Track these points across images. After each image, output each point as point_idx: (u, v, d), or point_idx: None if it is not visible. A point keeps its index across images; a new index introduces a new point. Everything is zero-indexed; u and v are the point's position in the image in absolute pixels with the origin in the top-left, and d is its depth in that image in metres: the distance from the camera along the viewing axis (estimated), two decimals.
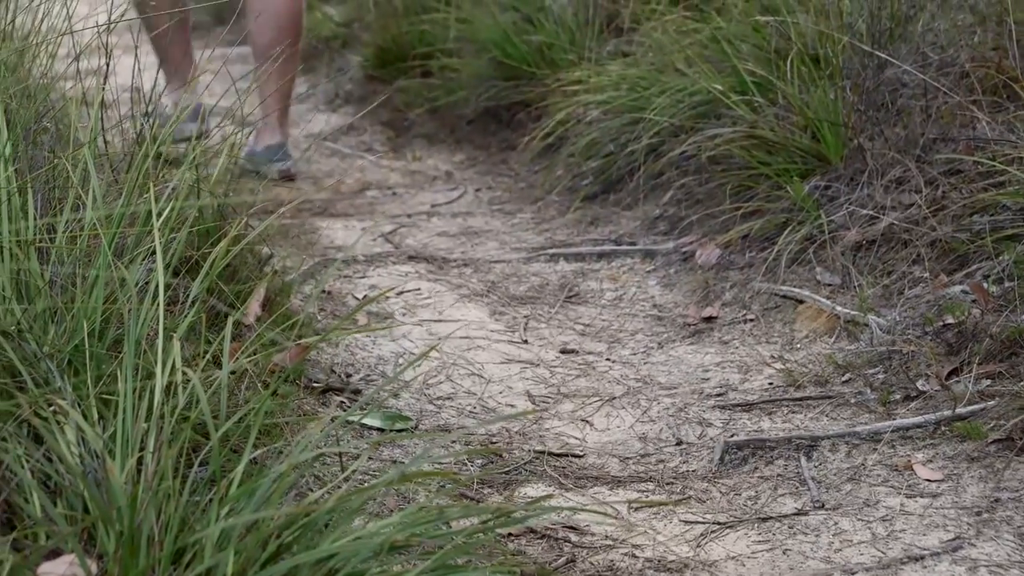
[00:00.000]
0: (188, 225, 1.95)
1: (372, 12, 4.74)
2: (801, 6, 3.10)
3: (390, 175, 3.96)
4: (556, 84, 3.71)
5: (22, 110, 2.02)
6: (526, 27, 4.05)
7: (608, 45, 3.89)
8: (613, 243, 3.15)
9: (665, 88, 3.29)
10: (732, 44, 3.18)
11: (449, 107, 4.24)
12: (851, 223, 2.66)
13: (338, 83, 4.76)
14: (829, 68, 2.88)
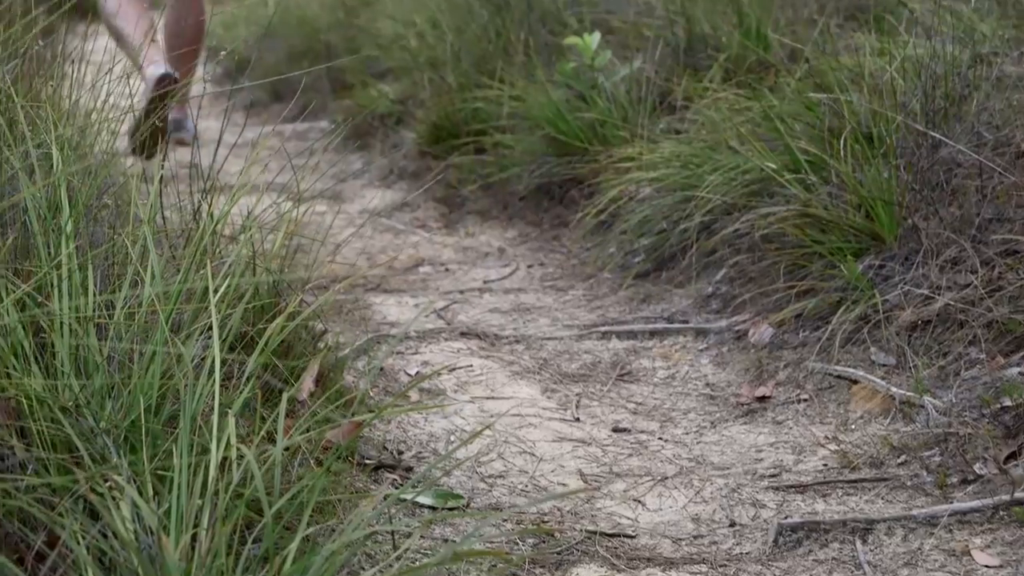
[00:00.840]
0: (244, 301, 1.97)
1: (427, 89, 4.79)
2: (854, 85, 3.10)
3: (443, 251, 3.97)
4: (608, 161, 3.73)
5: (84, 187, 2.06)
6: (579, 104, 4.08)
7: (661, 122, 3.90)
8: (665, 321, 3.14)
9: (718, 166, 3.29)
10: (785, 122, 3.18)
11: (502, 183, 4.27)
12: (906, 303, 2.64)
13: (392, 159, 4.81)
14: (883, 147, 2.87)
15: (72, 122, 2.36)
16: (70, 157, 2.10)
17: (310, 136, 5.16)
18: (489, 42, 4.71)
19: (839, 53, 3.47)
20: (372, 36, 5.58)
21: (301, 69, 5.96)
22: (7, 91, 2.05)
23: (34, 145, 2.00)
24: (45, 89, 2.32)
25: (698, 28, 4.18)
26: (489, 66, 4.57)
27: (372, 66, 5.45)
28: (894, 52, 3.07)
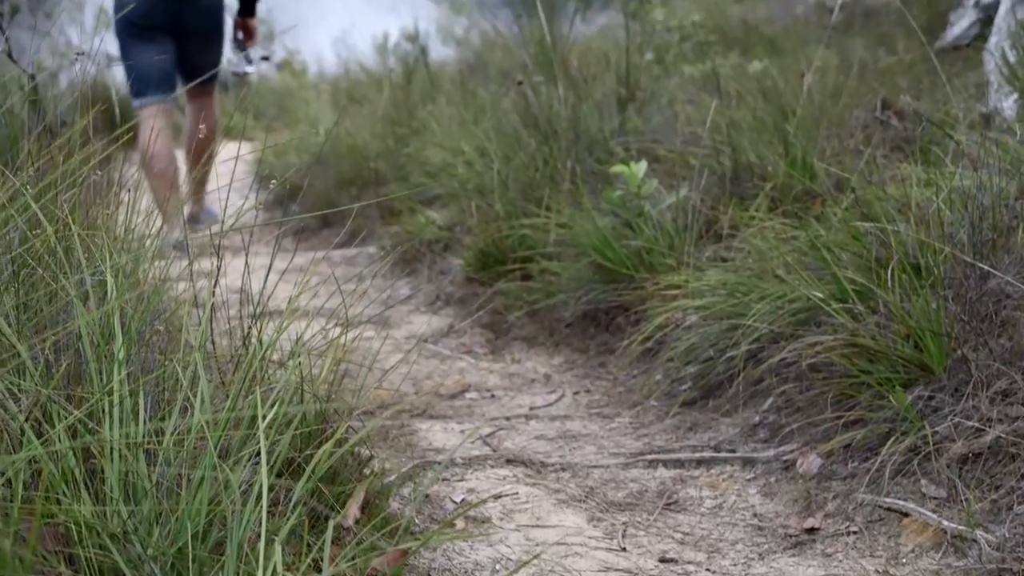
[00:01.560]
0: (292, 428, 1.98)
1: (474, 216, 4.83)
2: (901, 215, 3.11)
3: (489, 377, 3.98)
4: (655, 288, 3.74)
5: (137, 314, 2.09)
6: (625, 232, 4.10)
7: (707, 250, 3.92)
8: (712, 450, 3.12)
9: (764, 294, 3.29)
10: (832, 251, 3.18)
11: (548, 310, 4.28)
12: (956, 435, 2.61)
13: (439, 285, 4.84)
14: (931, 278, 2.86)
15: (126, 248, 2.40)
16: (123, 284, 2.13)
17: (358, 262, 5.21)
18: (536, 170, 4.76)
19: (885, 183, 3.49)
20: (421, 164, 5.66)
21: (350, 195, 6.05)
22: (65, 219, 2.10)
23: (89, 272, 2.03)
24: (101, 216, 2.37)
25: (744, 157, 4.22)
26: (536, 193, 4.61)
27: (420, 193, 5.52)
28: (941, 183, 3.08)
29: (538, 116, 4.94)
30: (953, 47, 6.01)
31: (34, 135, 2.28)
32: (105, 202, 2.42)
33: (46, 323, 1.98)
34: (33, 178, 2.16)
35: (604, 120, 4.95)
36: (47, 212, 2.08)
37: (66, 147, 2.23)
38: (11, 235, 2.05)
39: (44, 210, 2.06)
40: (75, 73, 2.45)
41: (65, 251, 2.06)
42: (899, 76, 5.10)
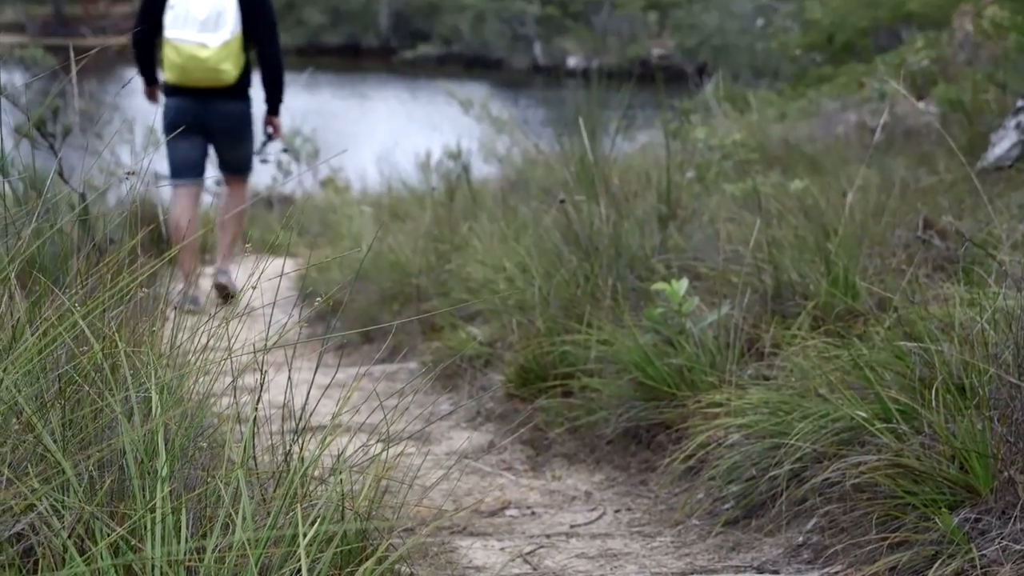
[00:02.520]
0: (333, 546, 1.97)
1: (515, 332, 4.84)
2: (945, 335, 3.10)
3: (529, 494, 3.96)
4: (696, 406, 3.73)
5: (180, 430, 2.10)
6: (666, 349, 4.10)
7: (749, 368, 3.91)
8: (756, 571, 3.08)
9: (807, 413, 3.28)
10: (875, 371, 3.17)
11: (589, 427, 4.27)
12: (1004, 559, 2.57)
13: (480, 401, 4.84)
14: (976, 398, 2.84)
15: (171, 363, 2.42)
16: (168, 401, 2.15)
17: (400, 377, 5.22)
18: (577, 287, 4.78)
19: (929, 303, 3.48)
20: (462, 280, 5.69)
21: (392, 311, 6.08)
22: (111, 337, 2.12)
23: (134, 389, 2.05)
24: (147, 333, 2.39)
25: (786, 275, 4.22)
26: (577, 310, 4.62)
27: (462, 309, 5.54)
28: (984, 303, 3.07)
29: (579, 233, 4.97)
30: (995, 168, 6.02)
31: (83, 254, 2.32)
32: (151, 319, 2.45)
33: (91, 440, 2.00)
34: (81, 296, 2.19)
35: (645, 237, 4.97)
36: (94, 329, 2.11)
37: (114, 265, 2.26)
38: (58, 352, 2.08)
39: (91, 327, 2.09)
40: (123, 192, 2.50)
41: (111, 368, 2.08)
42: (941, 196, 5.12)
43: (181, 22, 6.83)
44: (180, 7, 6.83)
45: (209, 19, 6.84)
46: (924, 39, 11.72)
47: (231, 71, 6.94)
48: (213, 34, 6.85)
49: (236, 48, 6.96)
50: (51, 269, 2.39)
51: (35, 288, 2.23)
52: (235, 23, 6.90)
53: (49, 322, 2.06)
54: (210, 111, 7.12)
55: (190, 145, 7.17)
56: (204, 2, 6.84)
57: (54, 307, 2.11)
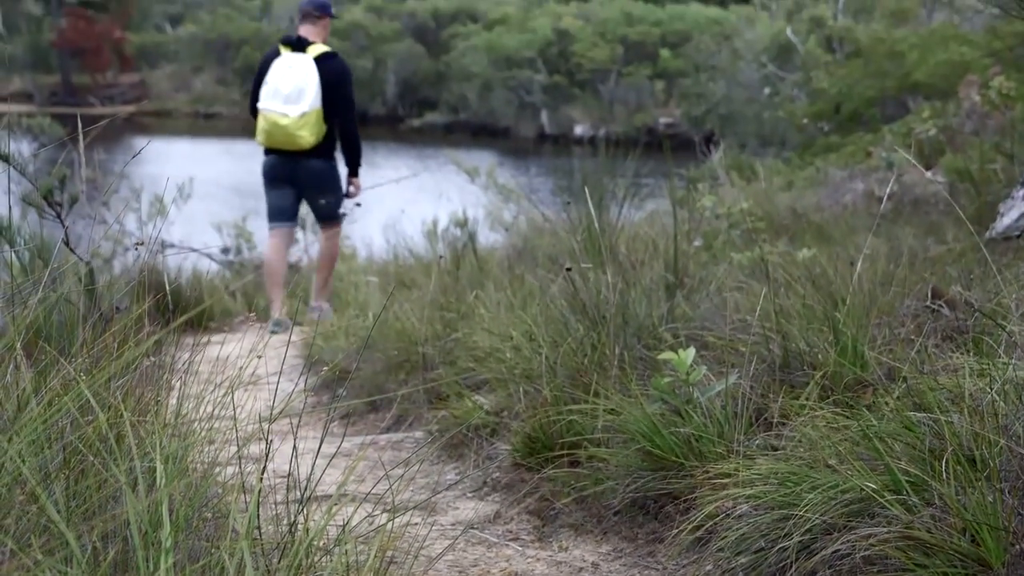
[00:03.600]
0: None
1: (522, 401, 4.82)
2: (954, 406, 3.08)
3: (536, 565, 3.92)
4: (704, 477, 3.70)
5: (185, 501, 2.08)
6: (674, 419, 4.08)
7: (757, 438, 3.88)
8: None
9: (816, 484, 3.25)
10: (884, 442, 3.15)
11: (596, 497, 4.24)
12: None
13: (486, 471, 4.81)
14: (986, 470, 2.82)
15: (176, 432, 2.41)
16: (173, 471, 2.14)
17: (405, 446, 5.19)
18: (584, 356, 4.77)
19: (938, 373, 3.46)
20: (468, 348, 5.68)
21: (398, 380, 6.06)
22: (116, 406, 2.11)
23: (139, 459, 2.04)
24: (153, 403, 2.38)
25: (794, 345, 4.21)
26: (584, 379, 4.61)
27: (468, 378, 5.53)
28: (994, 374, 3.06)
29: (586, 302, 4.97)
30: (1003, 238, 6.02)
31: (89, 323, 2.32)
32: (157, 388, 2.44)
33: (95, 510, 1.98)
34: (87, 365, 2.19)
35: (652, 306, 4.97)
36: (100, 399, 2.10)
37: (120, 334, 2.26)
38: (63, 422, 2.06)
39: (97, 397, 2.08)
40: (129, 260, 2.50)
41: (116, 437, 2.07)
42: (949, 265, 5.11)
43: (270, 95, 8.48)
44: (272, 84, 8.47)
45: (291, 94, 8.42)
46: (931, 109, 11.78)
47: (307, 137, 8.46)
48: (294, 106, 8.40)
49: (314, 119, 8.47)
50: (57, 338, 2.39)
51: (41, 357, 2.22)
52: (315, 99, 8.45)
53: (55, 392, 2.05)
54: (297, 168, 8.77)
55: (280, 195, 8.93)
56: (289, 80, 8.42)
57: (60, 376, 2.10)
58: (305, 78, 8.42)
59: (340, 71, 8.75)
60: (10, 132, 6.55)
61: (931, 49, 20.47)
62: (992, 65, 12.96)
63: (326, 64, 8.61)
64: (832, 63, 26.95)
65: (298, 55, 8.57)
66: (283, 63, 8.55)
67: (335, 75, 8.64)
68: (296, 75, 8.44)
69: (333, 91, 8.58)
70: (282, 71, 8.50)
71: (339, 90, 8.66)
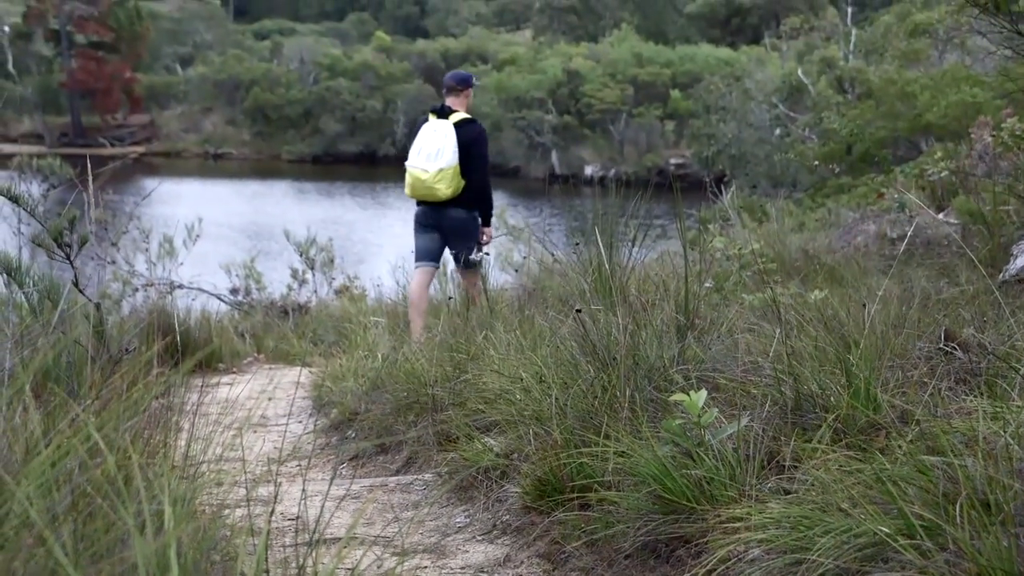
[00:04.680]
0: None
1: (532, 443, 4.80)
2: (968, 449, 3.06)
3: None
4: (716, 520, 3.67)
5: (193, 544, 2.06)
6: (685, 461, 4.05)
7: (769, 482, 3.86)
8: None
9: (829, 528, 3.22)
10: (897, 485, 3.12)
11: (607, 540, 4.20)
12: None
13: (496, 514, 4.78)
14: (1001, 514, 2.80)
15: (185, 475, 2.40)
16: (181, 513, 2.12)
17: (414, 488, 5.17)
18: (595, 398, 4.74)
19: (951, 416, 3.44)
20: (478, 390, 5.66)
21: (407, 421, 6.04)
22: (125, 448, 2.10)
23: (148, 501, 2.02)
24: (161, 445, 2.37)
25: (806, 387, 4.19)
26: (595, 421, 4.58)
27: (477, 419, 5.50)
28: (1008, 417, 3.04)
29: (597, 343, 4.95)
30: (1016, 280, 6.00)
31: (98, 364, 2.31)
32: (165, 430, 2.43)
33: (103, 553, 1.97)
34: (96, 407, 2.17)
35: (663, 348, 4.95)
36: (108, 441, 2.08)
37: (129, 375, 2.25)
38: (72, 464, 2.05)
39: (105, 439, 2.06)
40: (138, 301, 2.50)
41: (125, 480, 2.06)
42: (962, 308, 5.09)
43: (416, 154, 9.88)
44: (418, 144, 9.90)
45: (431, 153, 9.77)
46: (943, 150, 11.79)
47: (444, 190, 9.75)
48: (433, 163, 9.73)
49: (450, 174, 9.77)
50: (66, 380, 2.38)
51: (50, 399, 2.21)
52: (451, 157, 9.74)
53: (63, 434, 2.04)
54: (440, 217, 9.95)
55: (426, 239, 10.12)
56: (431, 142, 9.80)
57: (68, 418, 2.09)
58: (444, 140, 9.81)
59: (474, 135, 10.05)
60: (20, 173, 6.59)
61: (943, 91, 20.53)
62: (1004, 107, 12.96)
63: (463, 128, 9.96)
64: (843, 104, 27.05)
65: (442, 121, 9.99)
66: (429, 127, 10.00)
67: (470, 138, 9.94)
68: (438, 138, 9.85)
69: (467, 151, 9.88)
70: (428, 134, 9.95)
71: (472, 150, 9.94)
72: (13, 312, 3.35)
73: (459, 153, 9.87)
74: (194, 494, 2.31)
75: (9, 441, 2.12)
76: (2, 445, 2.11)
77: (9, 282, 3.51)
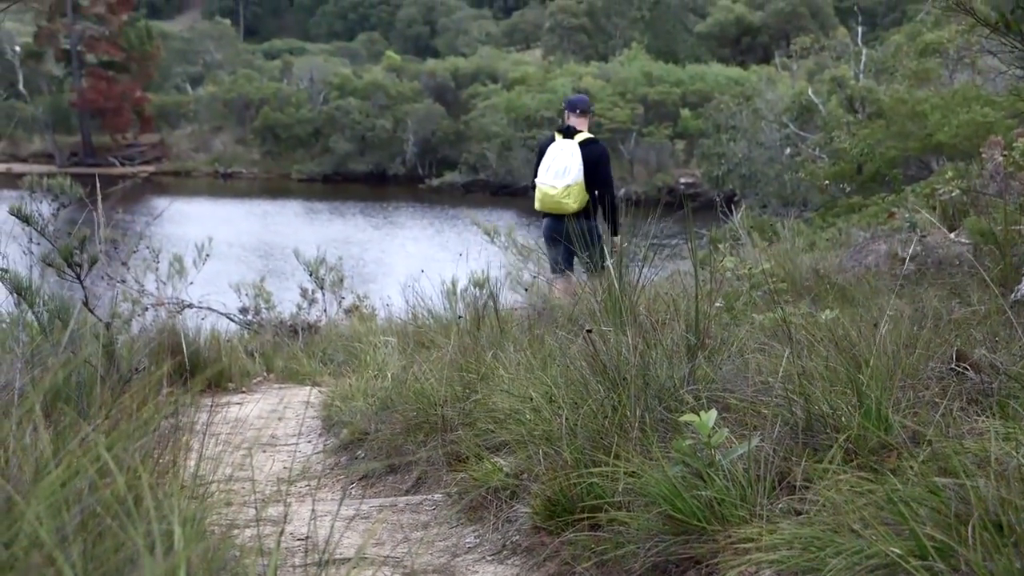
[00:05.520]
0: None
1: (542, 464, 4.79)
2: (980, 470, 3.04)
3: None
4: (727, 541, 3.66)
5: (203, 565, 2.06)
6: (696, 482, 4.04)
7: (780, 502, 3.84)
8: None
9: (840, 549, 3.21)
10: (909, 506, 3.11)
11: (617, 561, 4.19)
12: None
13: (506, 534, 4.77)
14: (1013, 535, 2.78)
15: (194, 494, 2.39)
16: (191, 533, 2.11)
17: (424, 508, 5.16)
18: (605, 418, 4.73)
19: (963, 437, 3.43)
20: (488, 410, 5.65)
21: (417, 441, 6.03)
22: (135, 468, 2.10)
23: (157, 521, 2.02)
24: (171, 464, 2.37)
25: (817, 408, 4.17)
26: (605, 442, 4.57)
27: (487, 439, 5.49)
28: (1020, 438, 3.03)
29: (607, 363, 4.94)
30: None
31: (108, 384, 2.31)
32: (175, 449, 2.42)
33: (112, 574, 1.96)
34: (105, 427, 2.17)
35: (674, 368, 4.94)
36: (117, 461, 2.08)
37: (139, 395, 2.24)
38: (81, 484, 2.05)
39: (115, 459, 2.06)
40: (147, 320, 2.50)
41: (134, 500, 2.05)
42: (974, 328, 5.07)
43: (544, 172, 11.08)
44: (546, 163, 11.05)
45: (559, 171, 10.94)
46: (954, 170, 11.78)
47: (571, 204, 10.86)
48: (560, 180, 10.90)
49: (576, 190, 10.91)
50: (76, 400, 2.38)
51: (60, 419, 2.21)
52: (577, 174, 10.91)
53: (73, 454, 2.04)
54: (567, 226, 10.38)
55: (558, 251, 11.11)
56: (559, 161, 10.95)
57: (78, 438, 2.09)
58: (571, 159, 10.98)
59: (599, 153, 11.21)
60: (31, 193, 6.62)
61: (953, 110, 20.53)
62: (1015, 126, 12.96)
63: (588, 148, 11.13)
64: (854, 124, 27.04)
65: (567, 141, 11.14)
66: (556, 147, 11.17)
67: (595, 156, 11.10)
68: (565, 156, 11.02)
69: (593, 169, 11.03)
70: (555, 153, 11.10)
71: (598, 168, 11.07)
72: (24, 332, 3.36)
73: (584, 170, 10.95)
74: (204, 514, 2.30)
75: (19, 461, 2.11)
76: (12, 465, 2.11)
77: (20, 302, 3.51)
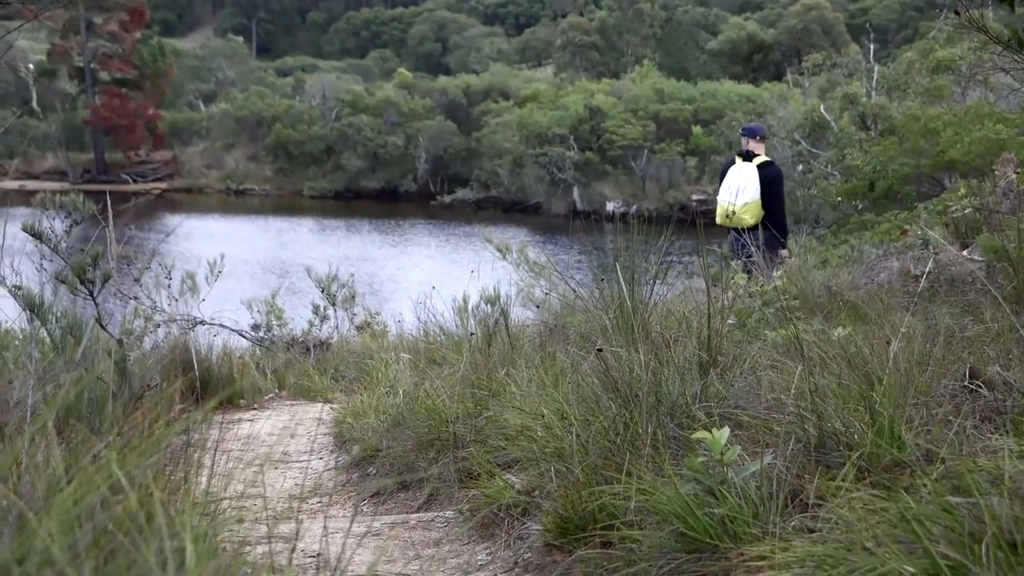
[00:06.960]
0: None
1: (553, 481, 4.78)
2: (994, 488, 3.03)
3: None
4: (740, 559, 3.64)
5: None
6: (708, 499, 4.02)
7: (792, 520, 3.83)
8: None
9: (853, 568, 3.19)
10: (922, 524, 3.10)
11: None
12: None
13: (517, 552, 4.76)
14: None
15: (206, 511, 2.39)
16: (203, 550, 2.11)
17: (436, 525, 5.15)
18: (617, 435, 4.73)
19: (977, 455, 3.41)
20: (499, 427, 5.64)
21: (428, 458, 6.03)
22: (147, 485, 2.10)
23: (169, 538, 2.02)
24: (183, 481, 2.37)
25: (829, 425, 4.16)
26: (616, 459, 4.56)
27: (499, 456, 5.49)
28: None
29: (618, 380, 4.93)
30: None
31: (121, 401, 2.31)
32: (187, 466, 2.42)
33: None
34: (117, 443, 2.17)
35: (686, 385, 4.93)
36: (130, 477, 2.08)
37: (152, 411, 2.24)
38: (93, 501, 2.05)
39: (127, 476, 2.06)
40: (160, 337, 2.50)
41: (146, 517, 2.05)
42: (987, 345, 5.05)
43: (725, 190, 12.36)
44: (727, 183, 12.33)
45: (737, 190, 12.21)
46: (966, 187, 11.77)
47: (747, 219, 12.08)
48: (739, 198, 12.16)
49: (753, 207, 12.15)
50: (88, 416, 2.38)
51: (73, 436, 2.21)
52: (754, 193, 12.16)
53: (85, 471, 2.04)
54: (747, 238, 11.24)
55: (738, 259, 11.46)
56: (737, 182, 12.25)
57: (90, 455, 2.09)
58: (748, 180, 12.28)
59: (773, 175, 12.46)
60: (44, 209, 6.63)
61: (966, 127, 20.50)
62: None
63: (764, 170, 12.38)
64: (866, 140, 27.03)
65: (747, 164, 12.43)
66: (736, 169, 12.46)
67: (770, 178, 12.37)
68: (743, 177, 12.32)
69: (769, 188, 12.29)
70: (735, 174, 12.41)
71: (772, 188, 12.33)
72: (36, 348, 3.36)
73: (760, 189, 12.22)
74: (215, 531, 2.30)
75: (32, 478, 2.11)
76: (25, 482, 2.11)
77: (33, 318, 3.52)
